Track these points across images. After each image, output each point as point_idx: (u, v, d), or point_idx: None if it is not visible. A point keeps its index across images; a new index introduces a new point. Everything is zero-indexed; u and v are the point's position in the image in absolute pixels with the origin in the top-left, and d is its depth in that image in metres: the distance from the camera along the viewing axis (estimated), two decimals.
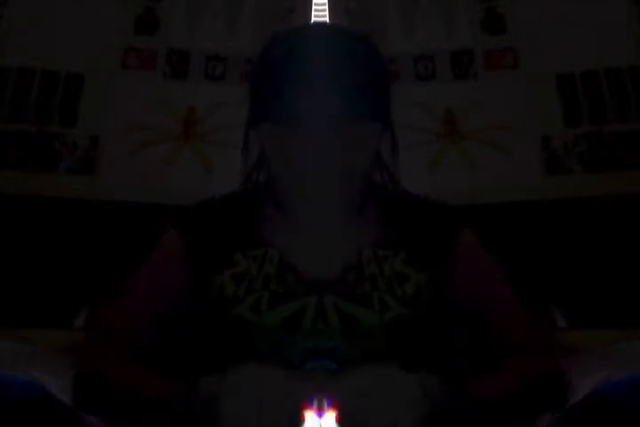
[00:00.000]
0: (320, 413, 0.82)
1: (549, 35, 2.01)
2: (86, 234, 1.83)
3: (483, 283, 1.05)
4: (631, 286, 1.69)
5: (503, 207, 1.87)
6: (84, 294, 1.67)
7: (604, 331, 1.44)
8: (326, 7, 2.06)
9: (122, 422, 0.97)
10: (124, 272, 1.71)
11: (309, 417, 0.81)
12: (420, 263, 1.03)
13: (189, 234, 1.07)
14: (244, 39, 2.07)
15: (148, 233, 1.80)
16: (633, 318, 1.54)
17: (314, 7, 2.06)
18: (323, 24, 1.48)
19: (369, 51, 1.02)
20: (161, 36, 2.06)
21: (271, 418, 0.82)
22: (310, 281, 1.02)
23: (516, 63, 2.02)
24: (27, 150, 1.93)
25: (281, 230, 1.07)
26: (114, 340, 1.02)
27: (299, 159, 0.98)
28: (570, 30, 1.99)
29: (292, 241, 1.05)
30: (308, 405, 0.82)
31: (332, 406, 0.82)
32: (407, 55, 2.05)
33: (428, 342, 1.01)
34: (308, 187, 1.02)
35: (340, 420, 0.82)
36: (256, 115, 1.02)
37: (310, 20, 2.04)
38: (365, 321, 0.97)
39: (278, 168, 1.04)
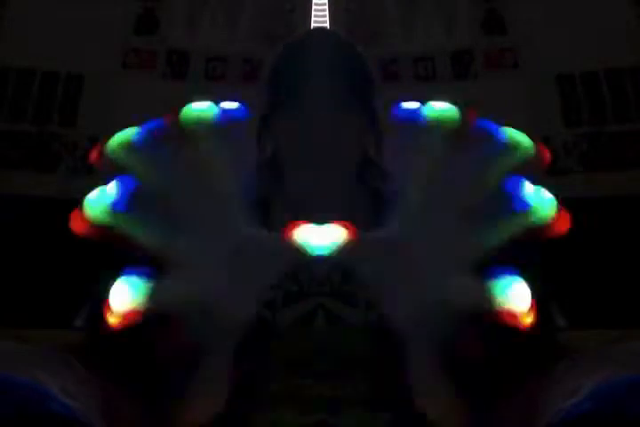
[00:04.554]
0: None
1: (549, 35, 2.01)
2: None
3: None
4: (631, 286, 1.69)
5: None
6: (84, 294, 1.67)
7: (603, 331, 1.44)
8: (326, 7, 2.06)
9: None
10: (124, 271, 1.71)
11: None
12: None
13: None
14: (243, 39, 2.07)
15: None
16: (633, 318, 1.54)
17: (314, 7, 2.05)
18: (323, 32, 1.59)
19: (355, 56, 1.24)
20: (161, 36, 2.06)
21: None
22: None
23: (516, 63, 2.02)
24: (27, 150, 1.93)
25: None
26: None
27: (304, 138, 1.13)
28: (570, 30, 1.99)
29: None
30: None
31: None
32: (407, 55, 2.06)
33: None
34: (312, 174, 1.12)
35: None
36: (270, 107, 1.20)
37: (310, 20, 2.04)
38: (351, 320, 0.99)
39: (288, 158, 1.11)
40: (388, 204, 1.20)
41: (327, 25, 2.03)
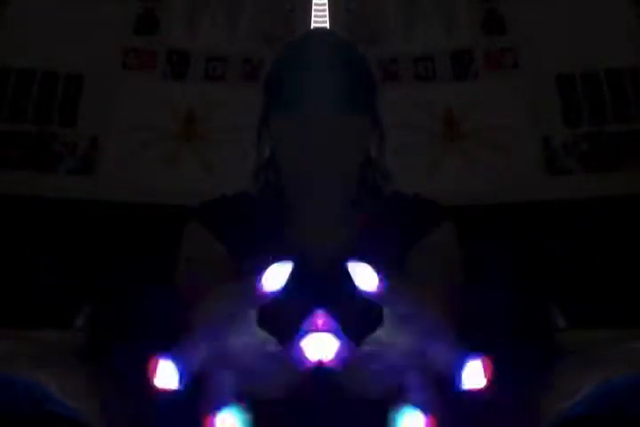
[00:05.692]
0: None
1: (549, 35, 2.01)
2: (86, 234, 1.83)
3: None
4: (631, 286, 1.69)
5: (503, 207, 1.87)
6: (83, 294, 1.67)
7: (603, 331, 1.44)
8: (326, 7, 2.06)
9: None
10: (124, 272, 1.72)
11: None
12: (395, 259, 1.10)
13: (213, 227, 1.13)
14: (243, 39, 2.07)
15: (149, 233, 1.80)
16: (633, 318, 1.54)
17: (314, 7, 2.05)
18: (323, 32, 1.59)
19: (355, 56, 1.22)
20: (161, 36, 2.06)
21: None
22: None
23: (516, 63, 2.02)
24: (27, 150, 1.93)
25: (290, 227, 1.13)
26: None
27: (303, 143, 1.12)
28: (570, 30, 1.99)
29: (303, 238, 1.11)
30: None
31: None
32: (407, 55, 2.05)
33: None
34: (311, 178, 1.13)
35: None
36: (269, 107, 1.19)
37: (310, 20, 2.04)
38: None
39: (287, 159, 1.12)
40: (388, 204, 1.21)
41: (327, 25, 2.03)
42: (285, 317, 0.86)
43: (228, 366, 0.84)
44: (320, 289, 1.06)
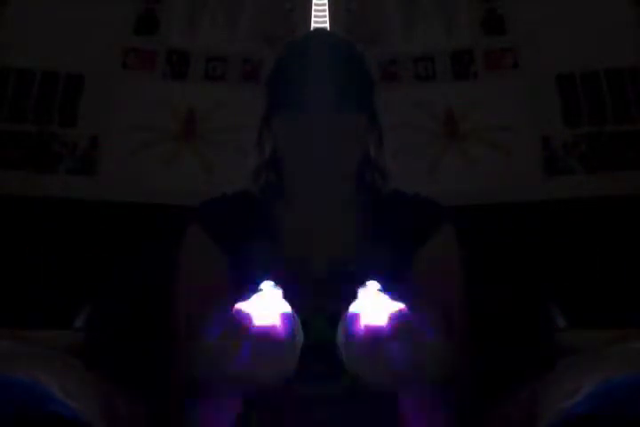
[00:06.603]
0: None
1: (549, 35, 2.01)
2: (86, 234, 1.83)
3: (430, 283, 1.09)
4: (630, 286, 1.69)
5: (503, 207, 1.87)
6: (83, 294, 1.67)
7: (603, 331, 1.44)
8: (326, 7, 2.06)
9: None
10: (124, 271, 1.72)
11: None
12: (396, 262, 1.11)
13: (213, 228, 1.13)
14: (243, 39, 2.07)
15: (149, 233, 1.80)
16: (633, 318, 1.54)
17: (314, 7, 2.05)
18: (323, 32, 1.60)
19: (355, 57, 1.24)
20: (161, 36, 2.06)
21: None
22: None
23: (516, 63, 2.02)
24: (27, 150, 1.93)
25: (291, 227, 1.14)
26: None
27: (304, 142, 1.13)
28: (570, 30, 1.99)
29: (303, 237, 1.12)
30: None
31: None
32: (407, 55, 2.05)
33: None
34: (311, 178, 1.09)
35: None
36: (271, 108, 1.20)
37: (310, 20, 2.04)
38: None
39: (289, 159, 1.13)
40: (378, 203, 1.22)
41: (327, 25, 2.03)
42: None
43: None
44: (320, 291, 1.06)
